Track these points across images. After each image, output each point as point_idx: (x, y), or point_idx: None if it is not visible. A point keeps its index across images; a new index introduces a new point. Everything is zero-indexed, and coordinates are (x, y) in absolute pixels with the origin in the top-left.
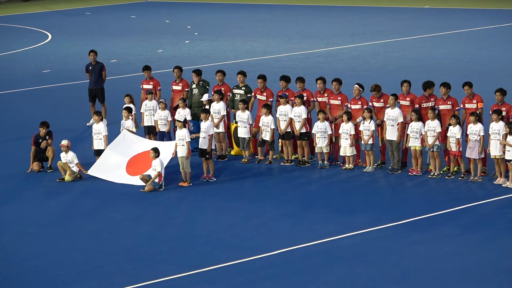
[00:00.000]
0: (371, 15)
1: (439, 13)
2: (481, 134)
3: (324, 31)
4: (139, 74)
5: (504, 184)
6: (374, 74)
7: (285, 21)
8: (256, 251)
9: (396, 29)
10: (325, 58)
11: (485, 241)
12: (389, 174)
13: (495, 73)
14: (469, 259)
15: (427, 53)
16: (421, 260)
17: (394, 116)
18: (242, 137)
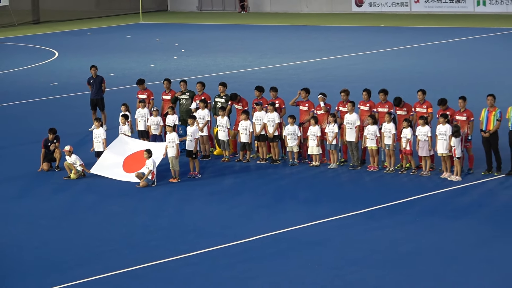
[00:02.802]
0: (335, 33)
1: (394, 30)
2: (429, 135)
3: (294, 47)
4: (134, 86)
5: (449, 177)
6: (338, 84)
7: (260, 38)
8: (236, 237)
9: (356, 45)
10: (295, 71)
11: (434, 227)
12: (350, 170)
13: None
14: (420, 243)
15: (383, 65)
16: (379, 244)
17: (352, 120)
18: (222, 139)
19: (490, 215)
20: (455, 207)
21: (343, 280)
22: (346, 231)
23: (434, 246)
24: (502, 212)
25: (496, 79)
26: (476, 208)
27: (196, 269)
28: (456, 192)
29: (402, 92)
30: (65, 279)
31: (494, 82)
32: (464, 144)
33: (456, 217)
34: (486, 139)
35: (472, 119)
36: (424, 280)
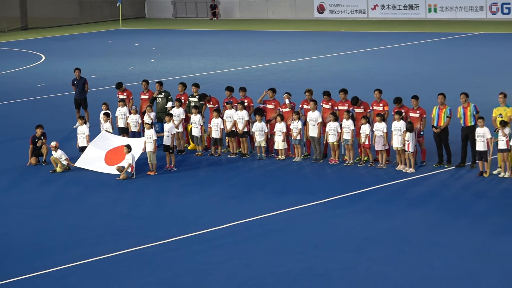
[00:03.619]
0: (298, 38)
1: (352, 35)
2: (385, 131)
3: (260, 51)
4: (114, 86)
5: (403, 170)
6: (300, 85)
7: (230, 43)
8: (209, 225)
9: (317, 49)
10: (262, 72)
11: (389, 214)
12: (313, 163)
13: (395, 83)
14: (377, 229)
15: (342, 67)
16: (340, 230)
17: (314, 118)
18: (195, 135)
19: (441, 204)
20: (409, 197)
21: (307, 263)
22: (309, 218)
23: (389, 232)
24: (451, 201)
25: (446, 79)
26: (428, 197)
27: (172, 254)
28: (410, 183)
29: (360, 91)
30: (51, 264)
31: (444, 82)
32: (417, 139)
33: (410, 206)
34: (437, 134)
35: (425, 116)
36: (380, 262)
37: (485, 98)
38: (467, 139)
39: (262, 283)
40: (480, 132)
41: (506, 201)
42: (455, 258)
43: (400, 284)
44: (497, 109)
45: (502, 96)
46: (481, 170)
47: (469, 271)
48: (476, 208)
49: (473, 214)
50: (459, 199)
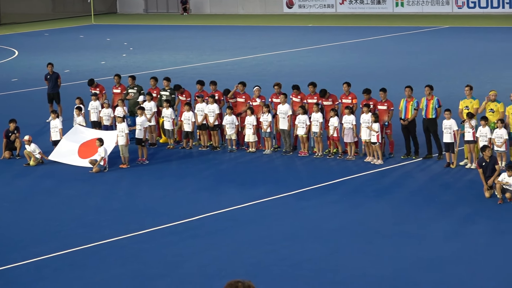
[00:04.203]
0: (267, 32)
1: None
2: (353, 123)
3: (231, 45)
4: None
5: (372, 161)
6: (270, 79)
7: (200, 38)
8: (180, 217)
9: (286, 43)
10: (232, 66)
11: (358, 206)
12: (283, 156)
13: (363, 76)
14: (346, 220)
15: (311, 61)
16: (309, 221)
17: (284, 110)
18: (167, 129)
19: (409, 195)
20: (377, 188)
21: (277, 254)
22: (279, 210)
23: (358, 222)
24: (419, 192)
25: (413, 72)
26: (396, 188)
27: (144, 246)
28: (378, 174)
29: (329, 85)
30: (25, 256)
31: (411, 75)
32: (385, 131)
33: (378, 197)
34: (405, 126)
35: (392, 109)
36: (349, 252)
37: (451, 90)
38: (428, 131)
39: (233, 274)
40: (446, 124)
41: (473, 192)
42: (424, 248)
43: (369, 274)
44: (463, 102)
45: (468, 89)
46: (448, 161)
47: (437, 261)
48: (443, 198)
49: (440, 205)
50: (427, 190)
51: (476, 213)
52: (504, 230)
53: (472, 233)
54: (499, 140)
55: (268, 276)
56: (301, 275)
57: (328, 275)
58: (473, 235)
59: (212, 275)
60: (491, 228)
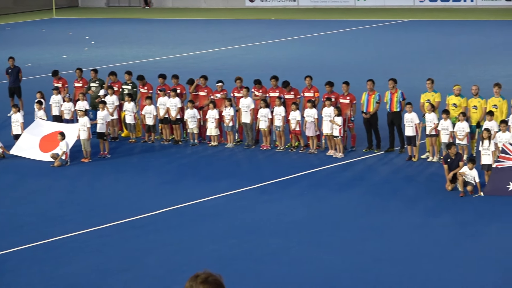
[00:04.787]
0: (230, 26)
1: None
2: (315, 117)
3: (192, 39)
4: (48, 75)
5: (334, 155)
6: (232, 72)
7: (163, 31)
8: (142, 211)
9: (249, 37)
10: (194, 60)
11: (320, 199)
12: (246, 149)
13: (326, 70)
14: (308, 213)
15: (273, 55)
16: (272, 215)
17: (247, 104)
18: (128, 122)
19: (371, 188)
20: (339, 181)
21: (241, 248)
22: (242, 204)
23: (320, 216)
24: (381, 185)
25: (375, 66)
26: (358, 181)
27: (106, 240)
28: (340, 168)
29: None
30: None
31: (374, 68)
32: (347, 124)
33: (340, 190)
34: (367, 119)
35: (354, 102)
36: (312, 246)
37: (413, 84)
38: (393, 124)
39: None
40: (408, 118)
41: (435, 185)
42: (386, 241)
43: (331, 267)
44: (424, 95)
45: (430, 82)
46: (410, 154)
47: (400, 253)
48: (406, 192)
49: (402, 198)
50: (389, 183)
51: (438, 206)
52: (466, 222)
53: (434, 226)
54: (461, 133)
55: (230, 270)
56: (263, 268)
57: (290, 269)
58: (436, 228)
59: (174, 269)
60: (454, 221)
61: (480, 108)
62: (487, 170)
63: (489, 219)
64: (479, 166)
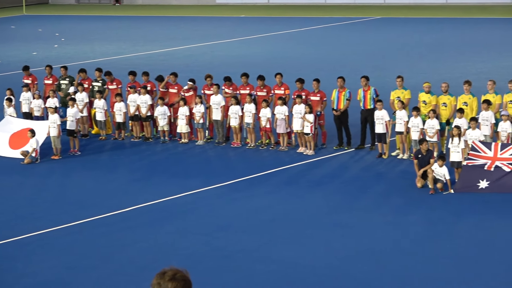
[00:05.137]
0: (200, 23)
1: (253, 20)
2: (286, 114)
3: (163, 36)
4: (18, 72)
5: (304, 152)
6: (203, 69)
7: (133, 28)
8: (113, 208)
9: (219, 34)
10: (165, 57)
11: (291, 196)
12: (216, 146)
13: (296, 67)
14: (279, 211)
15: (244, 52)
16: (243, 212)
17: (217, 101)
18: (99, 120)
19: (342, 185)
20: (310, 179)
21: (210, 245)
22: (213, 201)
23: (291, 214)
24: (351, 182)
25: (345, 63)
26: (329, 179)
27: (77, 237)
28: (311, 165)
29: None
30: None
31: (344, 65)
32: (318, 121)
33: (311, 188)
34: (337, 117)
35: (325, 99)
36: (283, 243)
37: (383, 81)
38: (366, 121)
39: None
40: (378, 115)
41: (405, 182)
42: (356, 238)
43: (302, 265)
44: (394, 92)
45: (400, 80)
46: (380, 152)
47: (370, 251)
48: (376, 189)
49: (373, 195)
50: (359, 180)
51: (408, 203)
52: (436, 219)
53: (405, 223)
54: (431, 130)
55: (201, 267)
56: (234, 266)
57: (261, 266)
58: (406, 225)
59: (144, 266)
60: (424, 218)
61: (450, 106)
62: (456, 168)
63: (459, 216)
64: (448, 163)
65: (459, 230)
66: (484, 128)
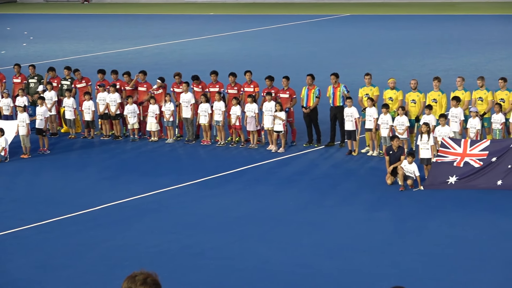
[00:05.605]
0: (169, 21)
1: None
2: (256, 112)
3: (132, 34)
4: None
5: (274, 149)
6: (172, 67)
7: (102, 27)
8: (83, 207)
9: (188, 32)
10: (134, 55)
11: (261, 194)
12: (186, 144)
13: (266, 65)
14: (249, 208)
15: (213, 50)
16: (213, 209)
17: (187, 99)
18: (68, 118)
19: (312, 182)
20: (280, 176)
21: (182, 243)
22: (183, 199)
23: (261, 211)
24: (321, 179)
25: (315, 60)
26: (299, 176)
27: (47, 236)
28: (280, 163)
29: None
30: None
31: (314, 62)
32: (288, 119)
33: (281, 185)
34: (307, 114)
35: (294, 97)
36: (253, 240)
37: (352, 78)
38: (336, 118)
39: (137, 263)
40: (348, 112)
41: (375, 179)
42: (326, 235)
43: (272, 262)
44: (363, 89)
45: (369, 77)
46: (350, 149)
47: (339, 247)
48: (346, 186)
49: (343, 192)
50: (329, 177)
51: (378, 200)
52: (406, 216)
53: (374, 220)
54: (401, 127)
55: (172, 265)
56: (204, 263)
57: (231, 263)
58: (376, 222)
59: (115, 265)
60: (394, 215)
61: (419, 102)
62: (426, 164)
63: (429, 213)
64: (418, 160)
65: (429, 226)
66: (453, 124)
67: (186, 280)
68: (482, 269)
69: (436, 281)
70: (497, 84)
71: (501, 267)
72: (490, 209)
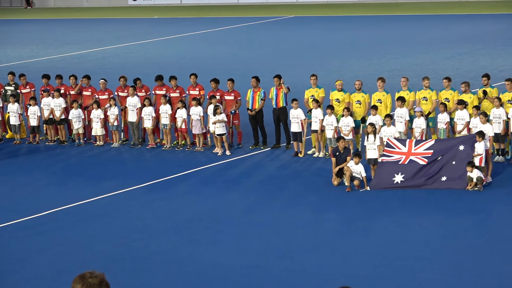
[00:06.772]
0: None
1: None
2: (201, 115)
3: (76, 38)
4: None
5: (220, 152)
6: (117, 71)
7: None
8: (29, 212)
9: (133, 35)
10: (78, 59)
11: (208, 196)
12: (132, 148)
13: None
14: (196, 211)
15: (158, 53)
16: (161, 213)
17: (133, 103)
18: (13, 124)
19: (258, 184)
20: (226, 179)
21: (129, 247)
22: (130, 203)
23: (208, 214)
24: (268, 181)
25: (260, 62)
26: (246, 178)
27: None
28: (227, 165)
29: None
30: None
31: (258, 65)
32: (233, 121)
33: (228, 187)
34: (252, 116)
35: (239, 99)
36: (201, 243)
37: (297, 80)
38: (279, 120)
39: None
40: (294, 114)
41: (321, 180)
42: (274, 237)
43: (220, 264)
44: (309, 91)
45: (314, 78)
46: (296, 150)
47: (287, 249)
48: (292, 187)
49: (289, 194)
50: (276, 179)
51: (325, 201)
52: (353, 217)
53: (321, 221)
54: (346, 128)
55: (119, 269)
56: (152, 267)
57: (180, 266)
58: (323, 223)
59: (62, 270)
60: (340, 216)
61: (364, 103)
62: (373, 165)
63: (376, 213)
64: (364, 160)
65: (376, 227)
66: (398, 125)
67: (134, 284)
68: (430, 268)
69: (383, 282)
70: (441, 84)
71: (449, 266)
72: (436, 208)
